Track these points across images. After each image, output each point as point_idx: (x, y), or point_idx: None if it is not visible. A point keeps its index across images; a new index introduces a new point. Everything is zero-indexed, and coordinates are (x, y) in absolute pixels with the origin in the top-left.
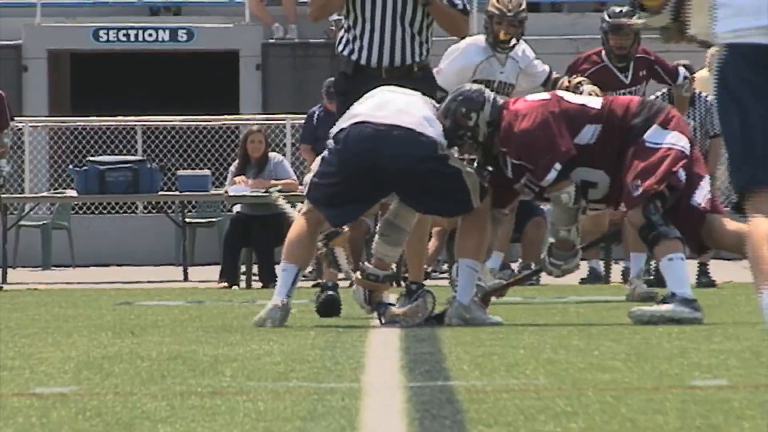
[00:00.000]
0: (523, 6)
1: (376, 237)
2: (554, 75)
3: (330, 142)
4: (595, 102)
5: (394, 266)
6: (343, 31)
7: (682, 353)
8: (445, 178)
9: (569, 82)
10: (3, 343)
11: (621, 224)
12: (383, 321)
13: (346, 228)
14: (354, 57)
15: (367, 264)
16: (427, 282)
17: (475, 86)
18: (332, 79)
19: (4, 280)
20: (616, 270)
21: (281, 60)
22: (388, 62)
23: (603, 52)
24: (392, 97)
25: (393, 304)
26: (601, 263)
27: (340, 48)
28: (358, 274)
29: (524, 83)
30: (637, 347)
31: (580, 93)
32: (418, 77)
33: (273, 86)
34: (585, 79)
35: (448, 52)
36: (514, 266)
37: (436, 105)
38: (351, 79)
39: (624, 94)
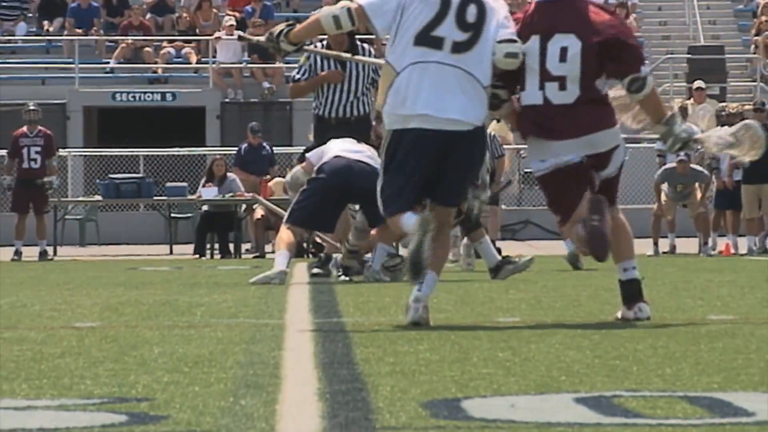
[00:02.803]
0: None
1: (350, 233)
2: None
3: (314, 172)
4: None
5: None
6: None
7: (491, 300)
8: None
9: None
10: (54, 294)
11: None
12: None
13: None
14: (316, 112)
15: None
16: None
17: None
18: (254, 123)
19: (55, 254)
20: None
21: (232, 113)
22: (335, 115)
23: None
24: (352, 143)
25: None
26: None
27: (313, 105)
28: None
29: None
30: (463, 296)
31: None
32: (354, 125)
33: (227, 129)
34: None
35: None
36: None
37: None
38: (318, 125)
39: None
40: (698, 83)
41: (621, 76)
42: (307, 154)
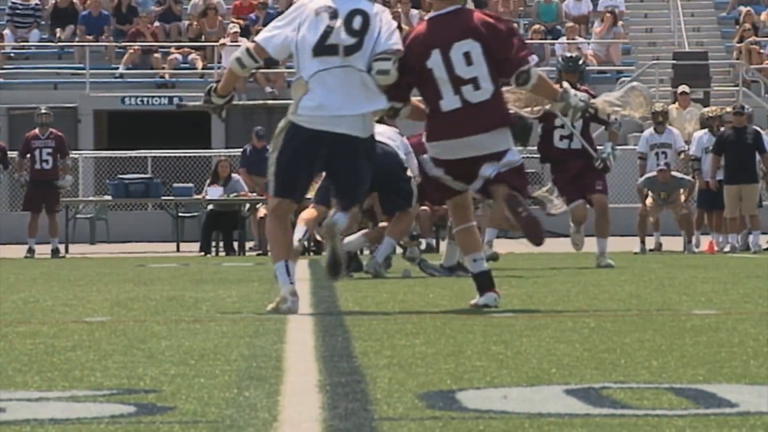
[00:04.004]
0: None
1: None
2: None
3: None
4: None
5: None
6: None
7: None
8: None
9: None
10: (65, 290)
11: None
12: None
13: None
14: None
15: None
16: None
17: None
18: (260, 127)
19: (67, 251)
20: None
21: (236, 116)
22: None
23: None
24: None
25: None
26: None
27: None
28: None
29: None
30: (457, 291)
31: None
32: None
33: (231, 132)
34: None
35: None
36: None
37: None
38: None
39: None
40: (683, 88)
41: (508, 73)
42: None
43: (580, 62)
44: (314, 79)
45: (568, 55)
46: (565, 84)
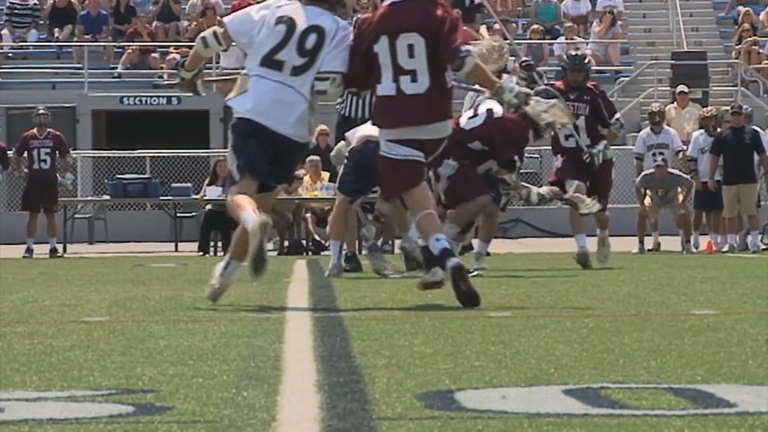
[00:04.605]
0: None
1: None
2: None
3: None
4: None
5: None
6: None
7: (483, 295)
8: None
9: None
10: (64, 290)
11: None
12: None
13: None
14: (342, 112)
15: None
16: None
17: None
18: None
19: (65, 251)
20: None
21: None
22: (361, 115)
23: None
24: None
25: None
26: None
27: (338, 107)
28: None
29: None
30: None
31: None
32: None
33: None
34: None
35: None
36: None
37: None
38: (344, 123)
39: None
40: (681, 88)
41: (448, 60)
42: (346, 134)
43: (586, 61)
44: (253, 81)
45: (573, 53)
46: (505, 78)
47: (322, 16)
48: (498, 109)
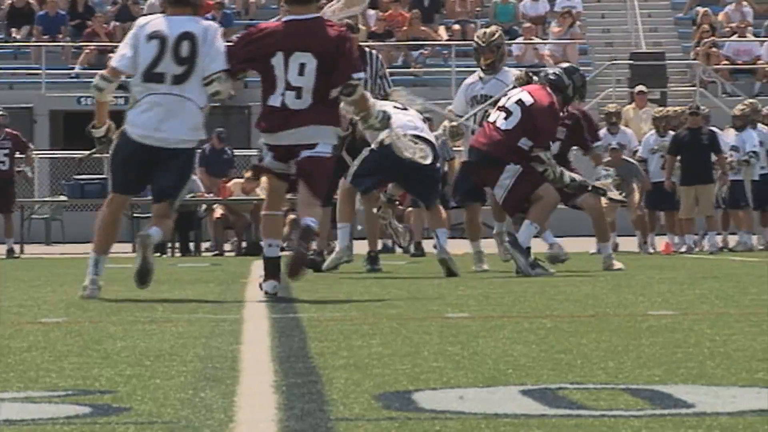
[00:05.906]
0: (497, 35)
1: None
2: None
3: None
4: None
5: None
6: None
7: (441, 296)
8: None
9: None
10: (20, 291)
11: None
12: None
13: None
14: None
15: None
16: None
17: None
18: (221, 129)
19: (22, 251)
20: None
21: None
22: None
23: None
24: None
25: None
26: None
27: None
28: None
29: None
30: (414, 292)
31: None
32: None
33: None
34: None
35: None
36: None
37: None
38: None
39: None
40: (640, 88)
41: (339, 84)
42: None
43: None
44: (143, 101)
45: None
46: (379, 104)
47: (188, 22)
48: (525, 97)
